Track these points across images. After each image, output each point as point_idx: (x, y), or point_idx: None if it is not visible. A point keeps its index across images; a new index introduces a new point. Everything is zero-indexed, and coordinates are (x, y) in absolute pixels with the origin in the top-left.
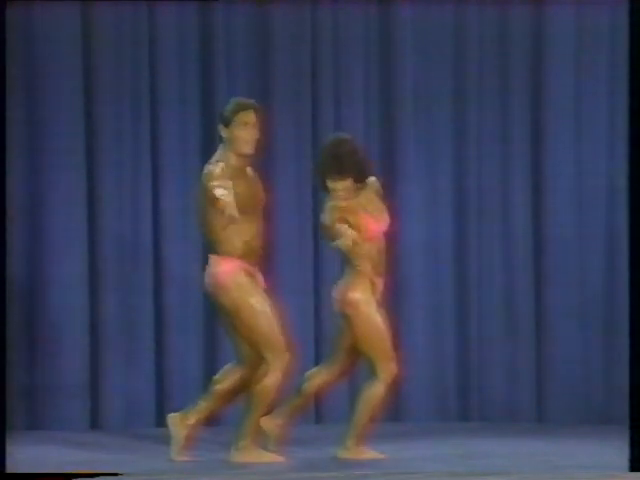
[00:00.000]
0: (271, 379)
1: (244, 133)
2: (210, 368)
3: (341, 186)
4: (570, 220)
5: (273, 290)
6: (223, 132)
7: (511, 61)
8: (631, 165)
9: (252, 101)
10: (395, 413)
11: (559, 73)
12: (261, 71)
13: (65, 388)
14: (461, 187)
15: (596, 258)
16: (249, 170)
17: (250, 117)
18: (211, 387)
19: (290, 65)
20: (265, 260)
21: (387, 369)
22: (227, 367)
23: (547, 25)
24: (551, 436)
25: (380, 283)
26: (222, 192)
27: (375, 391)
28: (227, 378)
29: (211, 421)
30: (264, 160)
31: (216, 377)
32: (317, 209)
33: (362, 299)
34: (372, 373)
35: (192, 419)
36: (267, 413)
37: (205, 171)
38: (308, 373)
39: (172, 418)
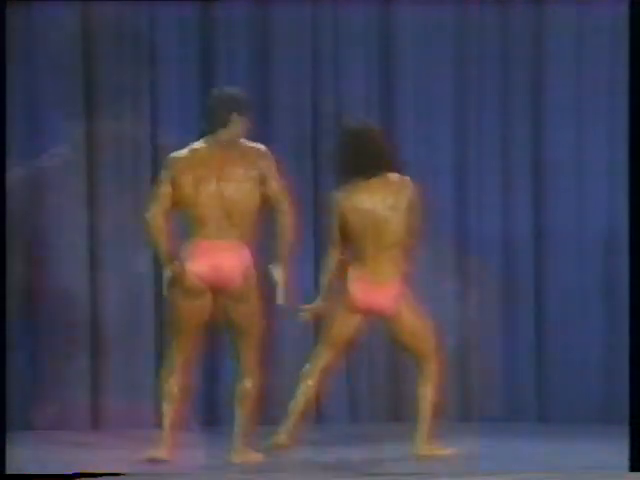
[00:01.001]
0: (255, 381)
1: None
2: (210, 368)
3: None
4: (570, 220)
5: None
6: (235, 119)
7: (511, 61)
8: (631, 165)
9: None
10: (396, 413)
11: (559, 73)
12: (261, 71)
13: (66, 388)
14: (461, 187)
15: (596, 258)
16: None
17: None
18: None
19: (290, 64)
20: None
21: (437, 361)
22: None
23: (547, 25)
24: (551, 436)
25: None
26: None
27: (430, 388)
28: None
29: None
30: None
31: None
32: (317, 209)
33: (405, 293)
34: (420, 369)
35: (168, 443)
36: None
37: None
38: (303, 371)
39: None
